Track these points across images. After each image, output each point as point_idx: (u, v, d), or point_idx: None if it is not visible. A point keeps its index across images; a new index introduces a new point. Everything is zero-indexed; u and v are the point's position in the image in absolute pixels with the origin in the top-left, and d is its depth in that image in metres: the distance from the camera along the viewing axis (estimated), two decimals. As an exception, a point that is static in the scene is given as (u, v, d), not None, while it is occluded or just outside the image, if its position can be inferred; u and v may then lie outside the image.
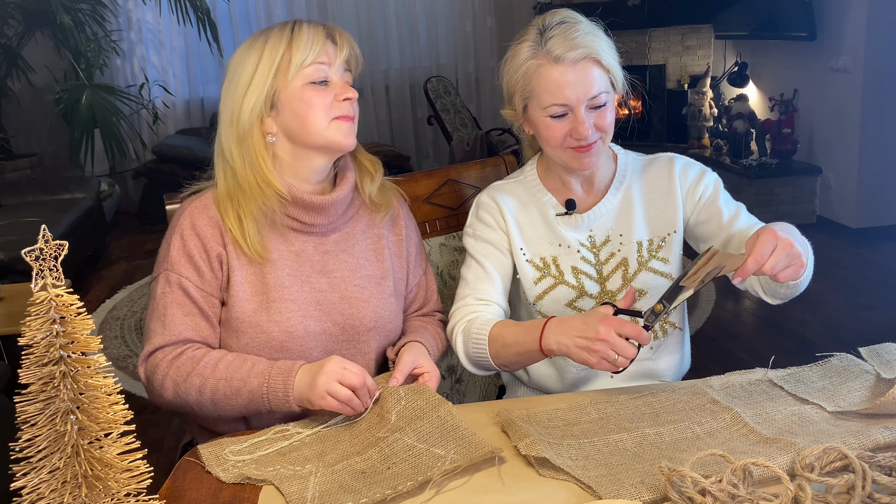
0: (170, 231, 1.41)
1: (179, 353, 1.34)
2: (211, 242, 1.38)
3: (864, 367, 1.34)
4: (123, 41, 6.37)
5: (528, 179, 1.57)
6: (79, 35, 5.56)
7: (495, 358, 1.43)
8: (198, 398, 1.32)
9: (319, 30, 1.38)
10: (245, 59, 1.37)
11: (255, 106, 1.36)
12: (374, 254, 1.49)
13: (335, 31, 1.40)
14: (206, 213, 1.39)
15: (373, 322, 1.45)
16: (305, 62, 1.35)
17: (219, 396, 1.31)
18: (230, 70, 1.40)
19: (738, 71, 5.89)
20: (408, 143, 7.10)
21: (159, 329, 1.35)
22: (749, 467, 1.02)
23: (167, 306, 1.36)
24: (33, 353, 0.90)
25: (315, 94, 1.36)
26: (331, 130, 1.37)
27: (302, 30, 1.37)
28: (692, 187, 1.53)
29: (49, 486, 0.93)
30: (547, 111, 1.42)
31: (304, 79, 1.35)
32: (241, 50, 1.40)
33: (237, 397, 1.31)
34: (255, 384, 1.30)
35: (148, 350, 1.35)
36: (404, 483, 1.09)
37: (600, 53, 1.41)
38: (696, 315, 3.84)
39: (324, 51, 1.36)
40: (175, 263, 1.37)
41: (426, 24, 7.01)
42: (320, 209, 1.41)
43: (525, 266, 1.52)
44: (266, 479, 1.14)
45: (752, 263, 1.19)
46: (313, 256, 1.43)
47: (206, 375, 1.31)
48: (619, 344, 1.25)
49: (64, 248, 0.90)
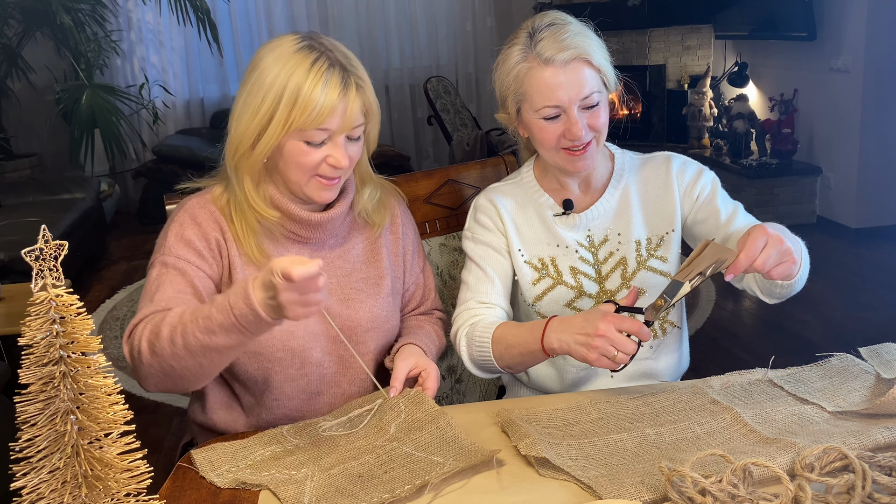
0: (167, 224, 1.40)
1: (159, 319, 1.25)
2: (211, 232, 1.37)
3: (864, 367, 1.34)
4: (123, 41, 6.37)
5: (525, 180, 1.57)
6: (79, 35, 5.56)
7: (499, 360, 1.43)
8: (172, 350, 1.20)
9: (335, 89, 1.29)
10: (262, 90, 1.31)
11: (259, 147, 1.33)
12: (371, 255, 1.49)
13: (350, 92, 1.31)
14: (206, 209, 1.39)
15: (370, 323, 1.45)
16: (307, 125, 1.30)
17: (191, 341, 1.19)
18: (250, 91, 1.33)
19: (738, 71, 5.90)
20: (408, 143, 7.10)
21: (146, 304, 1.30)
22: (749, 467, 1.02)
23: (160, 285, 1.32)
24: (33, 353, 0.90)
25: (306, 152, 1.32)
26: (310, 187, 1.36)
27: (316, 90, 1.28)
28: (690, 186, 1.53)
29: (49, 486, 0.93)
30: (539, 113, 1.42)
31: (303, 136, 1.31)
32: (265, 69, 1.31)
33: (211, 336, 1.18)
34: (222, 318, 1.17)
35: (132, 324, 1.28)
36: (402, 487, 1.08)
37: (591, 53, 1.41)
38: (696, 315, 3.84)
39: (331, 117, 1.30)
40: (172, 248, 1.35)
41: (426, 25, 7.01)
42: (317, 225, 1.41)
43: (523, 267, 1.52)
44: (262, 483, 1.14)
45: (744, 259, 1.20)
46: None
47: (174, 324, 1.21)
48: (618, 339, 1.25)
49: (64, 248, 0.90)
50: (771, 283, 1.36)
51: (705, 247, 1.26)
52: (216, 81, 6.77)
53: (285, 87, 1.29)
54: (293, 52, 1.31)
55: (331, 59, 1.31)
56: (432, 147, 7.21)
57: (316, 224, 1.41)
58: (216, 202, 1.40)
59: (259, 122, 1.31)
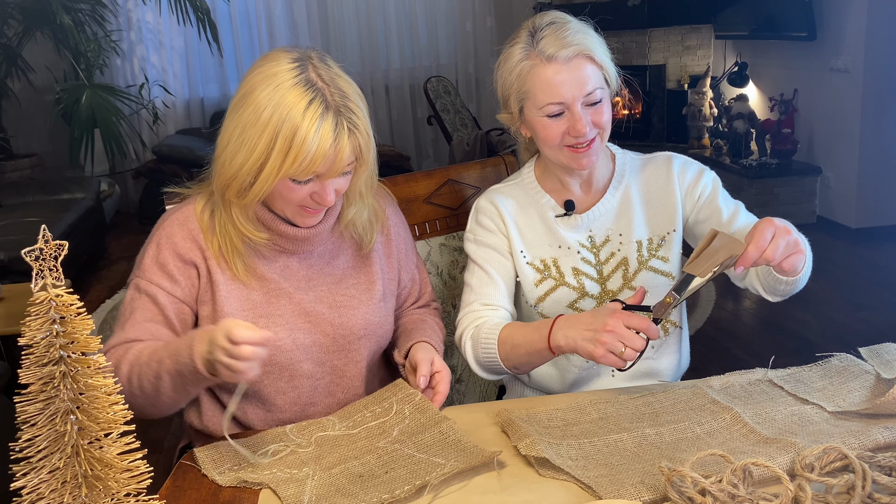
0: (147, 240, 1.40)
1: (121, 353, 1.29)
2: (187, 253, 1.36)
3: (864, 367, 1.34)
4: (123, 41, 6.37)
5: (526, 182, 1.57)
6: (79, 35, 5.56)
7: (506, 360, 1.43)
8: (128, 387, 1.25)
9: (327, 138, 1.25)
10: (257, 128, 1.26)
11: (254, 190, 1.30)
12: (361, 260, 1.47)
13: (342, 139, 1.27)
14: (185, 227, 1.38)
15: (363, 329, 1.44)
16: (297, 174, 1.27)
17: (144, 382, 1.24)
18: (246, 125, 1.28)
19: (738, 71, 5.89)
20: (408, 143, 7.10)
21: (117, 331, 1.34)
22: (749, 467, 1.02)
23: (133, 311, 1.35)
24: (33, 353, 0.90)
25: (292, 188, 1.30)
26: (296, 216, 1.36)
27: (308, 139, 1.24)
28: (691, 186, 1.53)
29: (49, 486, 0.93)
30: (543, 111, 1.42)
31: (292, 176, 1.29)
32: (261, 103, 1.26)
33: (158, 380, 1.23)
34: (169, 362, 1.21)
35: (104, 348, 1.31)
36: (401, 487, 1.08)
37: (593, 50, 1.41)
38: (696, 315, 3.84)
39: (321, 165, 1.27)
40: (147, 271, 1.36)
41: (426, 25, 7.00)
42: (304, 239, 1.40)
43: (525, 268, 1.52)
44: (263, 482, 1.14)
45: (754, 250, 1.20)
46: (298, 271, 1.42)
47: (132, 362, 1.26)
48: (626, 335, 1.25)
49: (64, 248, 0.90)
50: (775, 280, 1.35)
51: (713, 237, 1.25)
52: (216, 81, 6.77)
53: (279, 131, 1.25)
54: (289, 88, 1.26)
55: (326, 101, 1.26)
56: (432, 147, 7.20)
57: (303, 238, 1.40)
58: (199, 216, 1.39)
59: (254, 164, 1.27)
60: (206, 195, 1.40)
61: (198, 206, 1.40)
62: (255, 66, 1.33)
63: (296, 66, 1.29)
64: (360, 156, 1.32)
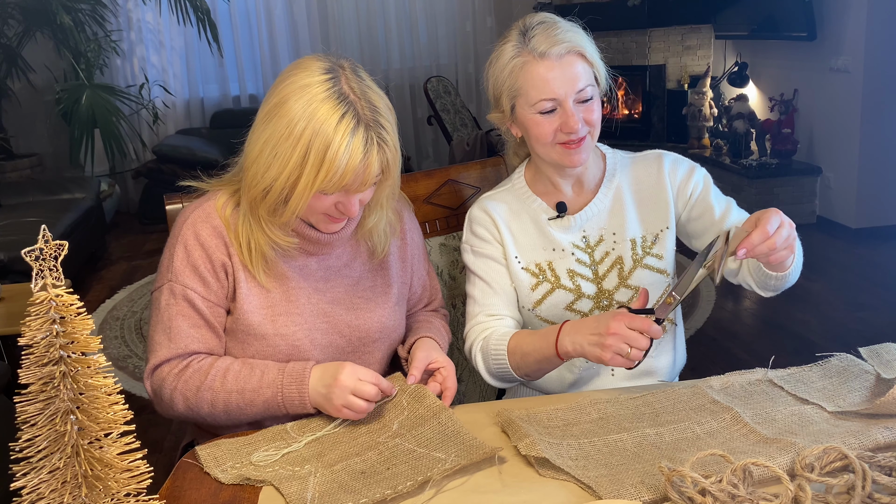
0: (172, 240, 1.39)
1: (185, 366, 1.33)
2: (216, 253, 1.36)
3: (864, 367, 1.34)
4: (123, 41, 6.37)
5: (517, 187, 1.58)
6: (79, 35, 5.56)
7: (517, 369, 1.44)
8: (210, 411, 1.33)
9: (357, 153, 1.25)
10: (290, 140, 1.26)
11: (290, 206, 1.30)
12: (377, 264, 1.48)
13: (371, 154, 1.27)
14: (209, 223, 1.37)
15: (378, 332, 1.45)
16: (327, 188, 1.28)
17: (232, 408, 1.32)
18: (280, 137, 1.27)
19: (738, 71, 5.89)
20: (408, 143, 7.10)
21: (164, 342, 1.34)
22: (749, 467, 1.02)
23: (172, 318, 1.34)
24: (33, 353, 0.90)
25: (318, 198, 1.30)
26: (320, 223, 1.37)
27: (339, 155, 1.24)
28: (683, 183, 1.53)
29: (49, 486, 0.93)
30: (535, 107, 1.42)
31: (322, 189, 1.29)
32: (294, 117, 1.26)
33: (251, 408, 1.32)
34: (269, 394, 1.30)
35: (153, 364, 1.35)
36: (404, 483, 1.09)
37: (584, 47, 1.43)
38: (696, 315, 3.84)
39: (353, 178, 1.27)
40: (179, 274, 1.35)
41: (426, 24, 7.00)
42: (325, 243, 1.41)
43: (521, 274, 1.52)
44: (265, 479, 1.14)
45: (758, 236, 1.20)
46: (316, 272, 1.42)
47: (216, 388, 1.31)
48: (630, 336, 1.26)
49: (64, 248, 0.90)
50: (765, 276, 1.37)
51: (727, 237, 1.26)
52: (216, 81, 6.77)
53: (311, 145, 1.24)
54: (322, 101, 1.25)
55: (357, 115, 1.26)
56: (432, 147, 7.21)
57: (325, 242, 1.41)
58: (221, 212, 1.38)
59: (287, 178, 1.27)
60: (228, 192, 1.40)
61: (218, 201, 1.39)
62: (287, 74, 1.31)
63: (328, 78, 1.28)
64: (387, 169, 1.32)
